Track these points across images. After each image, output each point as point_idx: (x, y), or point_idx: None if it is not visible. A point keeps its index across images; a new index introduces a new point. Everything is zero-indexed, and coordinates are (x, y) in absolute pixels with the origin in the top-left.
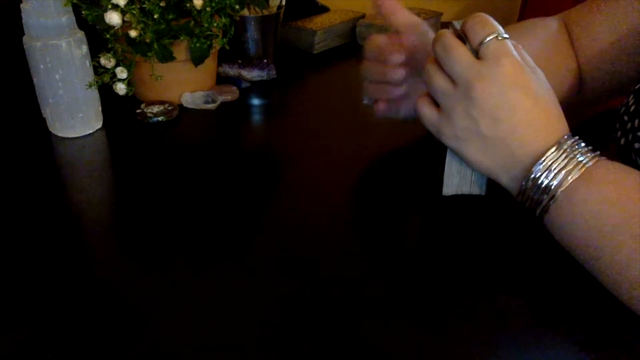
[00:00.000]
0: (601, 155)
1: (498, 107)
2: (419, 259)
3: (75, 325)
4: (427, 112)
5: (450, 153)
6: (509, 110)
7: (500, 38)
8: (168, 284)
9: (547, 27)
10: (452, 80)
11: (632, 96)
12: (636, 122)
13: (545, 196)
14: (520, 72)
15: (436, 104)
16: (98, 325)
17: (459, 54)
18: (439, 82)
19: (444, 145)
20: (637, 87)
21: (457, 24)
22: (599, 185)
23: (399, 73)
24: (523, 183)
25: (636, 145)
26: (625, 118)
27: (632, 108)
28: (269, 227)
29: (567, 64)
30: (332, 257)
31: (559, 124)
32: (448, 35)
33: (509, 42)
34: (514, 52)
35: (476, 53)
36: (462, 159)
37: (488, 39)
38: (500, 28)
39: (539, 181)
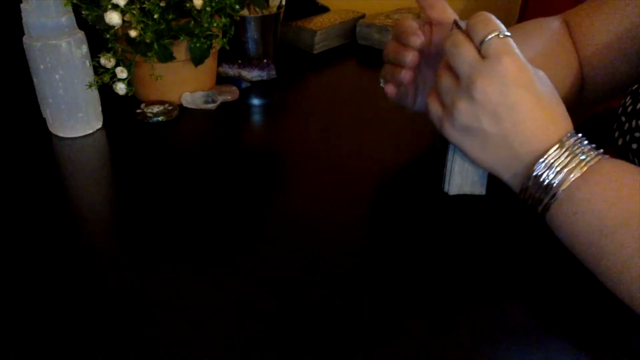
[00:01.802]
0: (604, 153)
1: (499, 105)
2: (420, 259)
3: (75, 325)
4: (433, 107)
5: (452, 152)
6: (510, 108)
7: (502, 36)
8: (169, 284)
9: (549, 27)
10: (457, 78)
11: (629, 97)
12: (633, 122)
13: (546, 195)
14: (522, 70)
15: None
16: (98, 325)
17: (465, 51)
18: (445, 78)
19: (447, 145)
20: (634, 87)
21: (462, 24)
22: (600, 184)
23: (411, 55)
24: (525, 181)
25: (634, 145)
26: (623, 119)
27: (630, 109)
28: (270, 226)
29: (570, 64)
30: (333, 257)
31: (562, 122)
32: (458, 33)
33: (511, 40)
34: (516, 50)
35: (479, 51)
36: (465, 155)
37: (490, 37)
38: (502, 26)
39: (541, 179)
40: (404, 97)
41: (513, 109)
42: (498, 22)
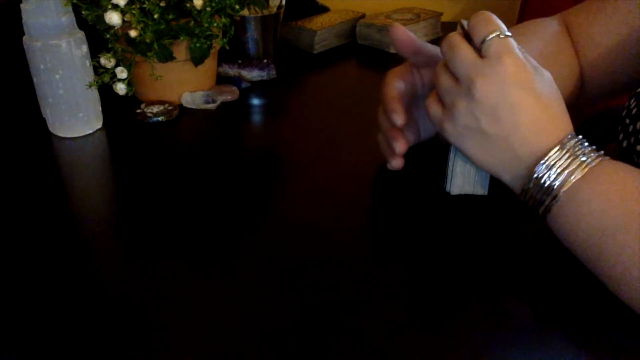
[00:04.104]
0: (604, 154)
1: (499, 105)
2: (421, 259)
3: (75, 325)
4: (433, 109)
5: (454, 153)
6: (510, 109)
7: (502, 36)
8: (168, 284)
9: (549, 28)
10: (456, 78)
11: (633, 99)
12: (638, 124)
13: (547, 196)
14: (522, 70)
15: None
16: (98, 325)
17: (462, 51)
18: (444, 79)
19: (449, 145)
20: (638, 90)
21: (466, 23)
22: (601, 185)
23: (400, 145)
24: (526, 182)
25: (638, 147)
26: (627, 121)
27: (634, 111)
28: (270, 227)
29: (570, 64)
30: (333, 257)
31: (563, 123)
32: (454, 34)
33: (511, 40)
34: (517, 50)
35: (479, 51)
36: (465, 157)
37: (490, 37)
38: (503, 26)
39: (542, 181)
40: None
41: (513, 110)
42: (499, 21)
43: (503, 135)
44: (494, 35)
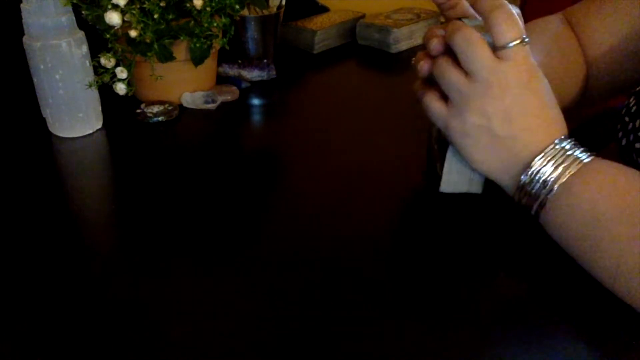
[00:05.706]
0: (599, 155)
1: (512, 108)
2: (419, 257)
3: (74, 325)
4: (436, 107)
5: (451, 151)
6: (521, 112)
7: (524, 44)
8: (168, 285)
9: (555, 26)
10: (467, 75)
11: (633, 97)
12: (637, 122)
13: (543, 190)
14: (535, 77)
15: (445, 97)
16: (97, 326)
17: (481, 51)
18: (454, 76)
19: (446, 143)
20: (638, 88)
21: (468, 22)
22: (596, 179)
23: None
24: (522, 178)
25: (637, 145)
26: (627, 119)
27: (634, 109)
28: (269, 227)
29: (577, 61)
30: (332, 256)
31: (559, 126)
32: (469, 28)
33: (528, 47)
34: (532, 58)
35: (494, 48)
36: (465, 157)
37: (513, 43)
38: (524, 30)
39: (537, 176)
40: None
41: (524, 113)
42: (521, 25)
43: (512, 135)
44: (517, 42)
